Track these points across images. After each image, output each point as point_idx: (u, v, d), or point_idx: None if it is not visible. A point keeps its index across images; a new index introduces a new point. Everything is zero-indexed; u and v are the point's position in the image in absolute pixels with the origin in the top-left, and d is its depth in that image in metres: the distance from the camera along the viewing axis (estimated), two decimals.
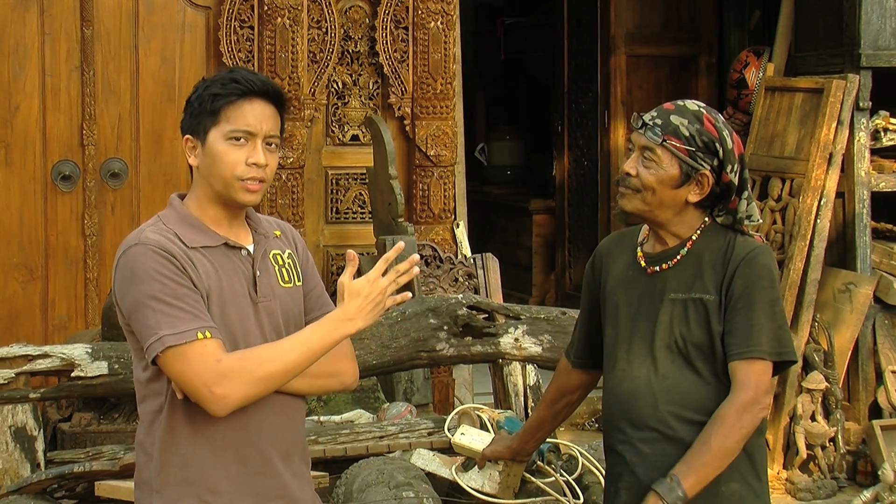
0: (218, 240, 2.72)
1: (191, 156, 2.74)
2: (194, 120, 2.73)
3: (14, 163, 5.86)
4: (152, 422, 2.71)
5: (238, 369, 2.58)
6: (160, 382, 2.67)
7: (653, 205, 2.98)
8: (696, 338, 2.95)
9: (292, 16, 5.98)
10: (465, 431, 3.91)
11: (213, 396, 2.57)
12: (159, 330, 2.57)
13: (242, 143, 2.70)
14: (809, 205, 6.26)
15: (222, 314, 2.66)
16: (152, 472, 2.69)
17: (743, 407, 2.87)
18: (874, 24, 6.38)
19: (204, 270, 2.66)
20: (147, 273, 2.59)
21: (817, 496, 5.97)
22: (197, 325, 2.58)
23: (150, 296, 2.58)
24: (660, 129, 2.95)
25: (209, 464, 2.67)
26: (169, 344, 2.56)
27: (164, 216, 2.73)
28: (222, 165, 2.70)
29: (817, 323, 6.24)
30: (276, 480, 2.74)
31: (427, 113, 6.25)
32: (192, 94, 2.75)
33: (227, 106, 2.70)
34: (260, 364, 2.60)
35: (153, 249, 2.61)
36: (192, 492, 2.67)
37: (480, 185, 10.34)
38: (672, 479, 2.86)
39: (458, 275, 6.00)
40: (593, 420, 6.86)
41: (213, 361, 2.57)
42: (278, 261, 2.81)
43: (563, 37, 8.95)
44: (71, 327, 5.87)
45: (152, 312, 2.58)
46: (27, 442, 4.29)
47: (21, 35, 5.84)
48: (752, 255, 2.95)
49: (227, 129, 2.70)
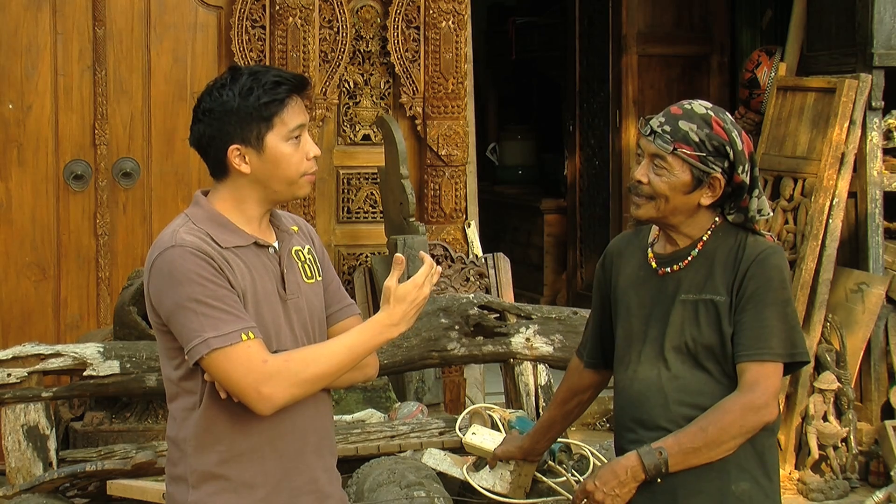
0: (248, 239, 2.73)
1: (241, 164, 2.71)
2: (243, 129, 2.70)
3: (26, 162, 5.87)
4: (185, 419, 2.72)
5: (284, 370, 2.61)
6: (193, 381, 2.69)
7: (666, 211, 2.98)
8: (706, 339, 2.94)
9: (304, 15, 5.98)
10: (477, 431, 3.91)
11: (259, 396, 2.60)
12: (203, 332, 2.59)
13: (299, 140, 2.73)
14: (821, 205, 6.25)
15: (256, 313, 2.68)
16: (187, 468, 2.71)
17: (750, 407, 2.87)
18: (887, 24, 6.36)
19: (239, 271, 2.67)
20: (186, 275, 2.60)
21: (829, 497, 5.96)
22: (240, 327, 2.60)
23: (192, 298, 2.60)
24: (669, 136, 2.94)
25: (246, 459, 2.70)
26: (214, 346, 2.58)
27: (193, 215, 2.73)
28: (289, 167, 2.72)
29: (829, 323, 6.23)
30: (309, 475, 2.77)
31: (438, 112, 6.25)
32: (214, 104, 2.71)
33: (280, 109, 2.70)
34: (306, 366, 2.64)
35: (191, 251, 2.62)
36: (230, 486, 2.69)
37: (492, 184, 10.34)
38: (661, 452, 2.88)
39: (470, 274, 6.00)
40: (604, 420, 6.85)
41: (259, 362, 2.60)
42: (300, 257, 2.83)
43: (575, 36, 8.94)
44: (83, 326, 5.88)
45: (194, 315, 2.60)
46: (39, 441, 4.30)
47: (33, 34, 5.85)
48: (764, 255, 2.95)
49: (284, 131, 2.71)
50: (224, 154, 2.71)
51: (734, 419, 2.87)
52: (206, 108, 2.72)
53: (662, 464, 2.89)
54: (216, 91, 2.72)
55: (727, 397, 2.89)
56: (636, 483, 2.91)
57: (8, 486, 4.15)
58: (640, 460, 2.89)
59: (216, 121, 2.71)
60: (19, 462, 4.27)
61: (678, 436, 2.90)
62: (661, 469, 2.89)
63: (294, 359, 2.64)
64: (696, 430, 2.89)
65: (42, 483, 4.04)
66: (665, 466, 2.89)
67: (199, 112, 2.74)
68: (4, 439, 4.31)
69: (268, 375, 2.59)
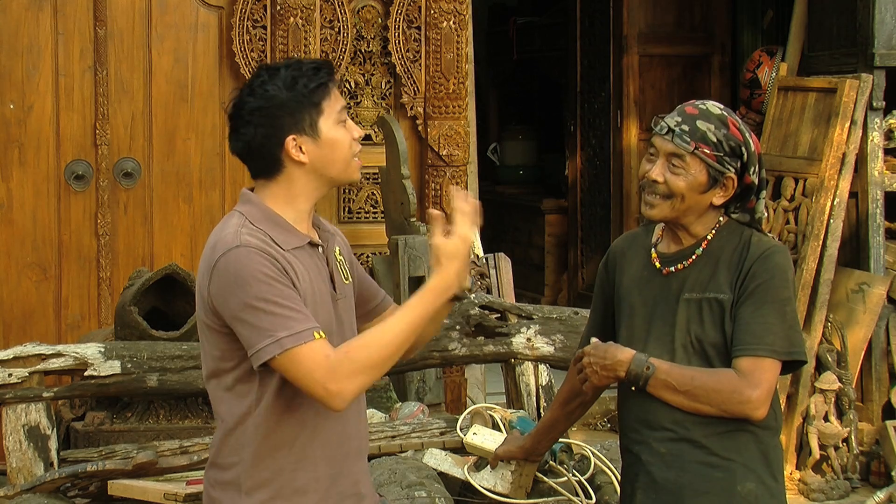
0: (303, 239, 2.73)
1: (299, 154, 2.70)
2: (296, 119, 2.69)
3: (28, 162, 5.87)
4: (239, 423, 2.69)
5: (346, 361, 2.57)
6: (249, 384, 2.67)
7: (680, 210, 2.98)
8: (711, 337, 2.94)
9: (305, 15, 5.98)
10: (478, 431, 3.91)
11: (327, 393, 2.57)
12: (276, 332, 2.57)
13: (345, 123, 2.74)
14: (823, 205, 6.25)
15: (315, 314, 2.66)
16: (243, 474, 2.69)
17: (739, 394, 2.87)
18: (888, 24, 6.36)
19: (300, 272, 2.66)
20: (254, 275, 2.58)
21: (830, 497, 5.96)
22: (311, 326, 2.59)
23: (261, 298, 2.57)
24: (688, 135, 2.94)
25: (301, 466, 2.69)
26: (287, 346, 2.56)
27: (250, 214, 2.70)
28: (343, 149, 2.73)
29: (830, 323, 6.22)
30: (352, 478, 2.78)
31: (439, 113, 6.25)
32: (262, 101, 2.68)
33: (327, 93, 2.71)
34: (368, 354, 2.59)
35: (256, 252, 2.60)
36: (283, 493, 2.68)
37: (493, 184, 10.35)
38: (649, 367, 2.91)
39: (471, 274, 5.99)
40: (606, 420, 6.85)
41: (323, 358, 2.57)
42: (338, 258, 2.84)
43: (576, 36, 8.94)
44: (84, 326, 5.88)
45: (265, 315, 2.57)
46: (40, 441, 4.30)
47: (35, 34, 5.85)
48: (768, 253, 2.95)
49: (333, 114, 2.72)
50: (280, 149, 2.69)
51: (719, 393, 2.88)
52: (254, 108, 2.69)
53: (643, 378, 2.92)
54: (259, 89, 2.69)
55: (730, 376, 2.89)
56: (615, 376, 2.95)
57: (9, 485, 4.15)
58: (629, 362, 2.92)
59: (268, 117, 2.68)
60: (20, 462, 4.27)
61: (673, 367, 2.92)
62: (639, 382, 2.92)
63: (354, 346, 2.61)
64: (688, 376, 2.91)
65: (43, 483, 4.04)
66: (644, 383, 2.91)
67: (245, 114, 2.70)
68: (5, 439, 4.31)
69: (332, 370, 2.56)
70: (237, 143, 2.73)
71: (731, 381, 2.88)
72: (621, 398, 3.10)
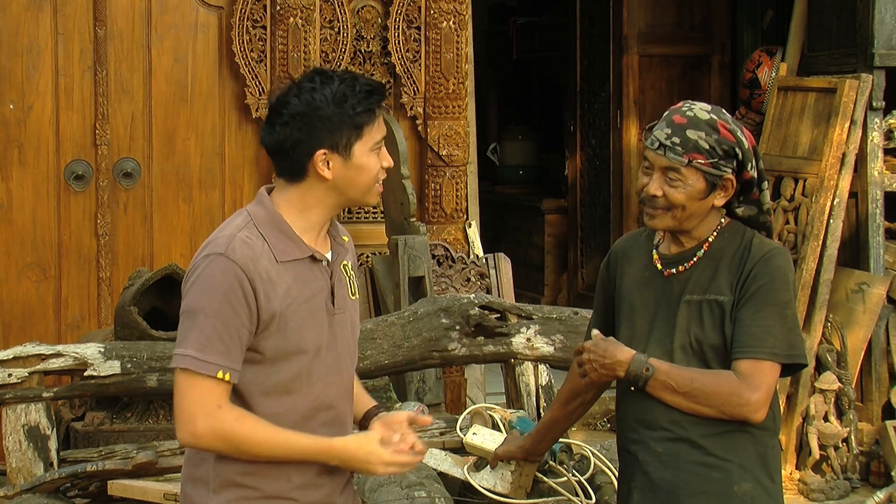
0: (305, 251, 2.70)
1: (324, 170, 2.67)
2: (333, 135, 2.66)
3: (27, 162, 5.87)
4: None
5: (227, 424, 2.59)
6: None
7: (683, 219, 2.98)
8: (711, 339, 2.94)
9: (305, 16, 5.98)
10: (478, 431, 3.91)
11: (190, 436, 2.59)
12: (189, 347, 2.58)
13: (379, 151, 2.73)
14: (822, 205, 6.25)
15: (300, 328, 2.65)
16: (210, 472, 2.69)
17: (738, 396, 2.87)
18: (888, 24, 6.36)
19: (283, 289, 2.64)
20: (214, 289, 2.59)
21: (830, 497, 5.96)
22: (225, 364, 2.59)
23: (206, 310, 2.58)
24: (680, 147, 2.93)
25: (271, 472, 2.68)
26: (187, 367, 2.58)
27: (256, 216, 2.69)
28: (370, 175, 2.71)
29: (830, 323, 6.22)
30: (326, 490, 2.76)
31: (439, 113, 6.25)
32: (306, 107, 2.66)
33: (372, 121, 2.69)
34: (245, 439, 2.60)
35: (235, 268, 2.59)
36: (251, 496, 2.68)
37: (493, 184, 10.34)
38: (648, 369, 2.91)
39: (470, 274, 6.00)
40: (606, 420, 6.85)
41: (214, 405, 2.58)
42: (346, 271, 2.81)
43: (576, 36, 8.94)
44: (84, 327, 5.88)
45: (197, 327, 2.58)
46: (40, 441, 4.30)
47: (34, 35, 5.85)
48: (769, 255, 2.95)
49: (371, 142, 2.70)
50: (309, 158, 2.67)
51: (718, 395, 2.88)
52: (296, 112, 2.66)
53: (642, 379, 2.92)
54: (307, 94, 2.67)
55: (730, 379, 2.89)
56: (613, 375, 2.96)
57: (9, 486, 4.15)
58: (629, 362, 2.92)
59: (306, 125, 2.66)
60: (20, 462, 4.27)
61: (673, 368, 2.92)
62: (638, 383, 2.92)
63: (245, 423, 2.61)
64: (688, 377, 2.91)
65: (43, 483, 4.04)
66: (643, 384, 2.91)
67: (286, 114, 2.67)
68: (5, 439, 4.31)
69: (211, 421, 2.57)
70: (269, 139, 2.71)
71: (730, 383, 2.88)
72: (619, 397, 3.10)
